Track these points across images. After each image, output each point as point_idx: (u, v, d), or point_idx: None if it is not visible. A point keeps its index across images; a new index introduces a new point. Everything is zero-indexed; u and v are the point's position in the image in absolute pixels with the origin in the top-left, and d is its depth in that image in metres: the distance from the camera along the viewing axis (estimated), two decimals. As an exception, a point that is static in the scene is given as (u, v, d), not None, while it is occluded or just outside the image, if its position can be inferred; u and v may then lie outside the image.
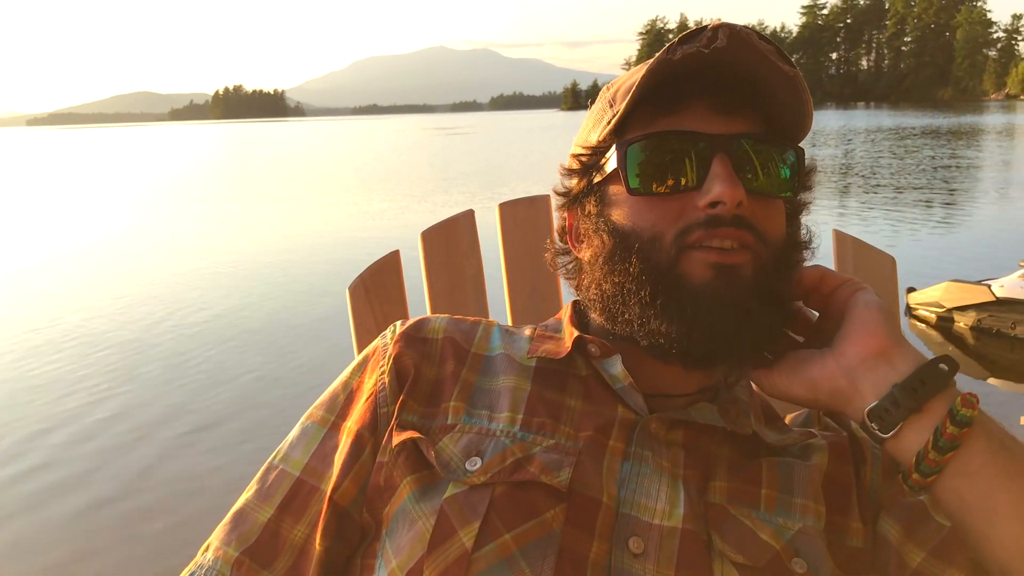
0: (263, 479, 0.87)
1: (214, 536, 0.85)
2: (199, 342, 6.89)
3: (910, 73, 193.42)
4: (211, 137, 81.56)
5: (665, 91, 0.79)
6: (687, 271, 0.75)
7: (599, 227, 0.83)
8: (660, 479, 0.78)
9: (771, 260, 0.78)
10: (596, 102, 0.89)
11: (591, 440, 0.80)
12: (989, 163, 22.60)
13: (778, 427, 0.91)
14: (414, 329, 0.91)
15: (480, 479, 0.76)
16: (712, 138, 0.77)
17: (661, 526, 0.75)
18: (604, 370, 0.85)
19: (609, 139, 0.83)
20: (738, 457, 0.83)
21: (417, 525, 0.75)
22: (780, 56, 0.76)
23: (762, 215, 0.78)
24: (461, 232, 1.42)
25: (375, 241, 11.41)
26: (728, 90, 0.79)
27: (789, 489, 0.82)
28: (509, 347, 0.91)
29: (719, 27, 0.74)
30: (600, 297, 0.83)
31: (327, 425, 0.88)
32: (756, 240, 0.77)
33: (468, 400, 0.85)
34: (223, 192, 20.88)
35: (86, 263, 11.10)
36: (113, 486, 4.35)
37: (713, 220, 0.75)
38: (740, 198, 0.75)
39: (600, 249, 0.82)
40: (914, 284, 7.24)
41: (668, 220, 0.77)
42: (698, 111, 0.79)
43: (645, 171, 0.79)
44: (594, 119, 0.88)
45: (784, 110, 0.80)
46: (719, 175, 0.75)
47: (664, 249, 0.77)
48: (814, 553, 0.77)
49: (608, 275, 0.81)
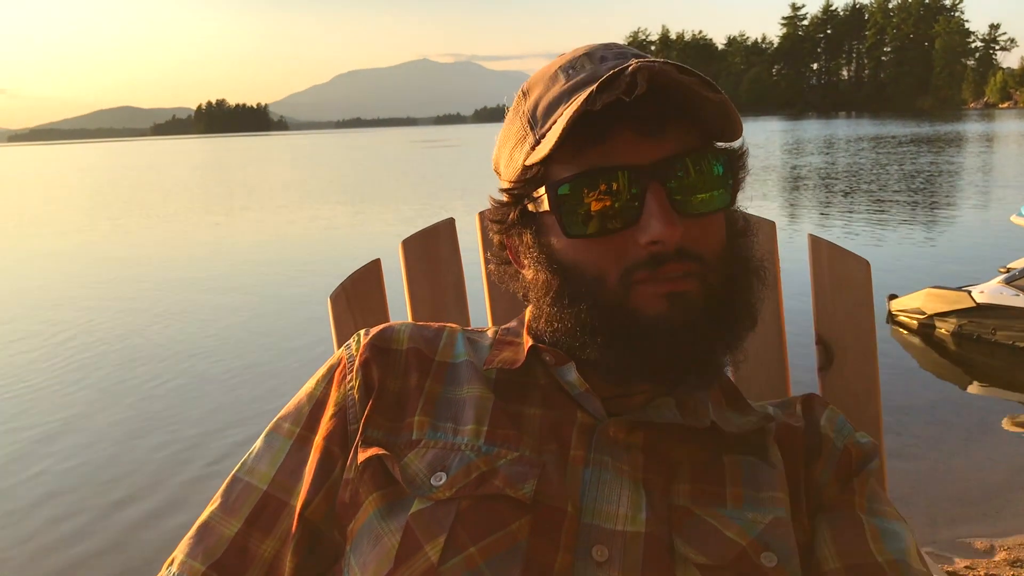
0: (228, 492, 0.86)
1: (178, 550, 0.83)
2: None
3: (890, 83, 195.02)
4: (191, 152, 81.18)
5: (589, 124, 0.75)
6: (638, 306, 0.76)
7: (539, 261, 0.83)
8: (621, 484, 0.78)
9: (718, 276, 0.79)
10: (511, 112, 0.87)
11: (554, 451, 0.80)
12: (970, 169, 22.81)
13: (739, 407, 0.90)
14: (379, 339, 0.90)
15: (446, 494, 0.76)
16: (642, 169, 0.76)
17: (624, 532, 0.75)
18: (560, 377, 0.85)
19: (536, 168, 0.81)
20: (700, 455, 0.83)
21: (383, 541, 0.75)
22: (704, 86, 0.74)
23: (701, 236, 0.78)
24: (442, 240, 1.43)
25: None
26: (653, 114, 0.76)
27: (755, 485, 0.82)
28: (473, 354, 0.91)
29: (637, 71, 0.71)
30: (552, 333, 0.83)
31: (293, 437, 0.87)
32: (699, 265, 0.77)
33: (433, 413, 0.85)
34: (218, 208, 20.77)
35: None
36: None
37: (655, 258, 0.75)
38: (679, 234, 0.74)
39: (545, 286, 0.82)
40: (896, 291, 7.30)
41: (610, 259, 0.77)
42: (626, 139, 0.76)
43: (579, 212, 0.77)
44: (515, 137, 0.85)
45: (713, 124, 0.79)
46: (654, 212, 0.74)
47: (610, 288, 0.77)
48: (785, 544, 0.77)
49: (558, 316, 0.81)
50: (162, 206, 21.21)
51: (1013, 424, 5.04)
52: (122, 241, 14.70)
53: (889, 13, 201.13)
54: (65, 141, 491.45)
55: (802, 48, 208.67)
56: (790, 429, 0.89)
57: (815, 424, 0.90)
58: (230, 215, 18.37)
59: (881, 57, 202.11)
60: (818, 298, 1.30)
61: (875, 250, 10.51)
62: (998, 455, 4.63)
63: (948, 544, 3.61)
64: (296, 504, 0.82)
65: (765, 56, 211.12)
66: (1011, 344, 6.31)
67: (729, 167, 0.81)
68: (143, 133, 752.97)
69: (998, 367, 6.21)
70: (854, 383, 1.27)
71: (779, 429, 0.89)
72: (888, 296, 7.23)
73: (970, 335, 6.55)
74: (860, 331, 1.28)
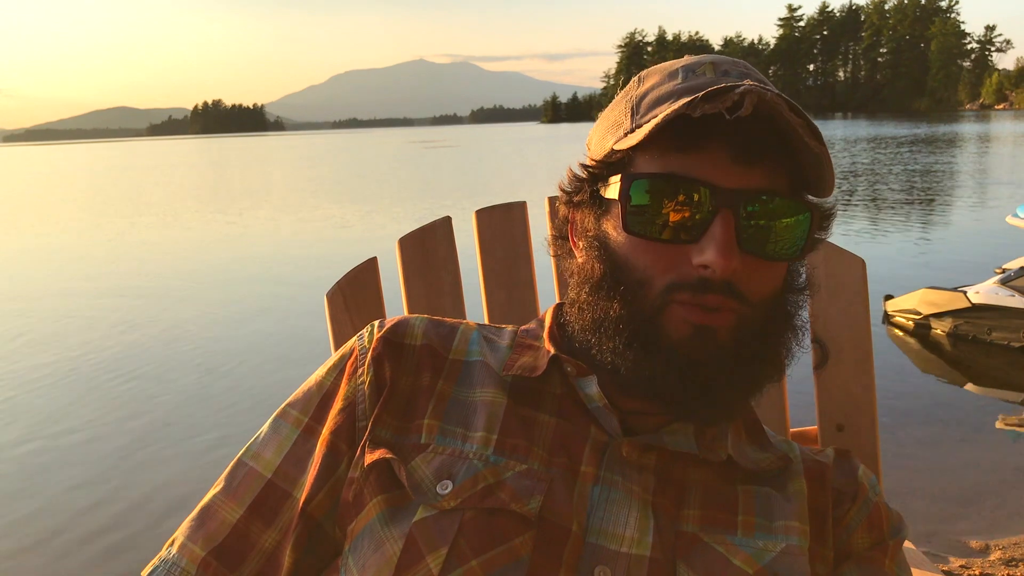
0: (232, 476, 0.85)
1: (179, 531, 0.83)
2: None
3: (886, 84, 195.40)
4: (191, 153, 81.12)
5: (687, 127, 0.73)
6: (666, 325, 0.74)
7: (592, 245, 0.82)
8: (630, 505, 0.77)
9: (756, 320, 0.76)
10: (621, 94, 0.86)
11: (563, 466, 0.79)
12: (966, 170, 22.85)
13: (759, 442, 0.89)
14: (392, 334, 0.88)
15: (451, 504, 0.75)
16: (721, 193, 0.73)
17: (629, 554, 0.74)
18: (580, 389, 0.83)
19: (621, 155, 0.80)
20: (713, 481, 0.82)
21: (384, 547, 0.74)
22: (809, 132, 0.72)
23: (755, 277, 0.76)
24: (438, 238, 1.43)
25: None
26: (754, 141, 0.74)
27: (768, 514, 0.81)
28: (488, 354, 0.89)
29: (747, 92, 0.69)
30: (580, 319, 0.82)
31: (300, 427, 0.86)
32: (741, 304, 0.75)
33: (443, 416, 0.83)
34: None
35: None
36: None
37: (702, 284, 0.73)
38: (733, 269, 0.72)
39: (589, 272, 0.81)
40: (892, 291, 7.31)
41: (659, 268, 0.75)
42: (717, 156, 0.74)
43: (645, 211, 0.76)
44: (612, 121, 0.84)
45: (806, 173, 0.77)
46: (717, 239, 0.72)
47: (650, 297, 0.75)
48: (796, 574, 0.77)
49: (590, 305, 0.80)
50: (185, 205, 21.18)
51: (1008, 424, 5.06)
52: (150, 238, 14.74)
53: (885, 15, 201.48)
54: (61, 141, 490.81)
55: (798, 49, 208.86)
56: (820, 465, 0.88)
57: (852, 471, 0.89)
58: (248, 213, 18.35)
59: (877, 58, 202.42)
60: (813, 296, 1.30)
61: (871, 251, 10.52)
62: (993, 455, 4.64)
63: (943, 543, 3.62)
64: (299, 496, 0.82)
65: (762, 57, 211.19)
66: (1006, 344, 6.33)
67: (811, 223, 0.78)
68: (139, 133, 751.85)
69: (993, 367, 6.23)
70: (849, 381, 1.27)
71: (806, 463, 0.88)
72: (884, 297, 7.25)
73: (966, 335, 6.57)
74: (855, 329, 1.28)
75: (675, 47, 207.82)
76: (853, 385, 1.27)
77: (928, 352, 6.55)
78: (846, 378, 1.27)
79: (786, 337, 0.81)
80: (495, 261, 1.45)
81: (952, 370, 6.28)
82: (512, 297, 1.44)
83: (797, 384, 1.27)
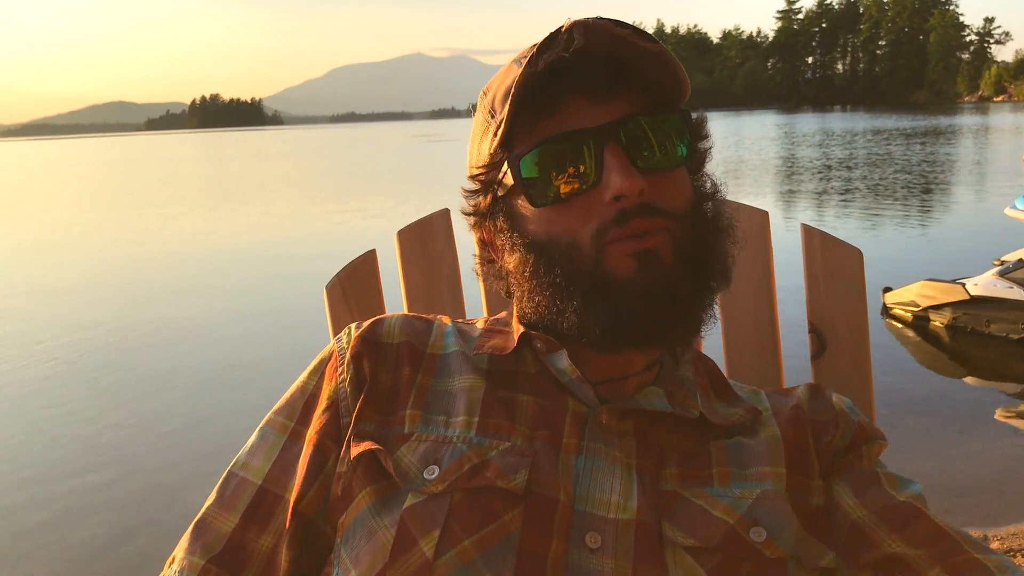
0: (223, 487, 0.86)
1: (178, 548, 0.84)
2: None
3: (885, 76, 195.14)
4: (193, 146, 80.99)
5: (540, 95, 0.79)
6: (611, 267, 0.77)
7: (515, 242, 0.84)
8: (614, 471, 0.79)
9: (685, 231, 0.80)
10: (477, 111, 0.89)
11: (546, 439, 0.81)
12: (964, 162, 22.85)
13: (726, 397, 0.92)
14: (370, 332, 0.91)
15: (439, 487, 0.77)
16: (596, 131, 0.78)
17: (616, 519, 0.76)
18: (551, 364, 0.86)
19: (499, 152, 0.84)
20: (689, 443, 0.84)
21: (377, 536, 0.75)
22: (640, 36, 0.77)
23: (665, 192, 0.79)
24: (437, 230, 1.43)
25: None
26: (599, 78, 0.79)
27: (741, 463, 0.84)
28: (463, 344, 0.91)
29: (573, 27, 0.76)
30: (535, 310, 0.84)
31: (287, 432, 0.87)
32: (667, 220, 0.78)
33: (424, 406, 0.85)
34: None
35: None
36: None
37: (622, 215, 0.77)
38: (640, 187, 0.76)
39: (523, 264, 0.83)
40: (890, 283, 7.31)
41: (579, 222, 0.79)
42: (577, 106, 0.79)
43: (542, 181, 0.80)
44: (480, 130, 0.88)
45: (659, 83, 0.81)
46: (614, 168, 0.76)
47: (584, 252, 0.78)
48: (775, 517, 0.79)
49: (537, 288, 0.82)
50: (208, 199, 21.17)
51: (1006, 416, 5.07)
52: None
53: (884, 7, 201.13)
54: (58, 136, 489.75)
55: (797, 42, 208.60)
56: (793, 408, 0.90)
57: (827, 402, 0.92)
58: (244, 207, 18.33)
59: (876, 51, 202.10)
60: (811, 287, 1.30)
61: (869, 243, 10.52)
62: (992, 446, 4.65)
63: (942, 534, 3.62)
64: (291, 498, 0.83)
65: (760, 50, 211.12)
66: (1005, 336, 6.33)
67: (684, 126, 0.83)
68: (137, 128, 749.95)
69: (992, 359, 6.23)
70: (847, 371, 1.28)
71: (777, 409, 0.91)
72: (883, 289, 7.25)
73: (964, 327, 6.57)
74: (853, 319, 1.29)
75: (673, 39, 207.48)
76: (851, 376, 1.27)
77: (926, 344, 6.56)
78: (844, 369, 1.28)
79: (720, 237, 0.84)
80: (493, 253, 1.45)
81: (950, 362, 6.29)
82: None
83: (795, 374, 1.28)
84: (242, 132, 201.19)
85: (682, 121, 0.83)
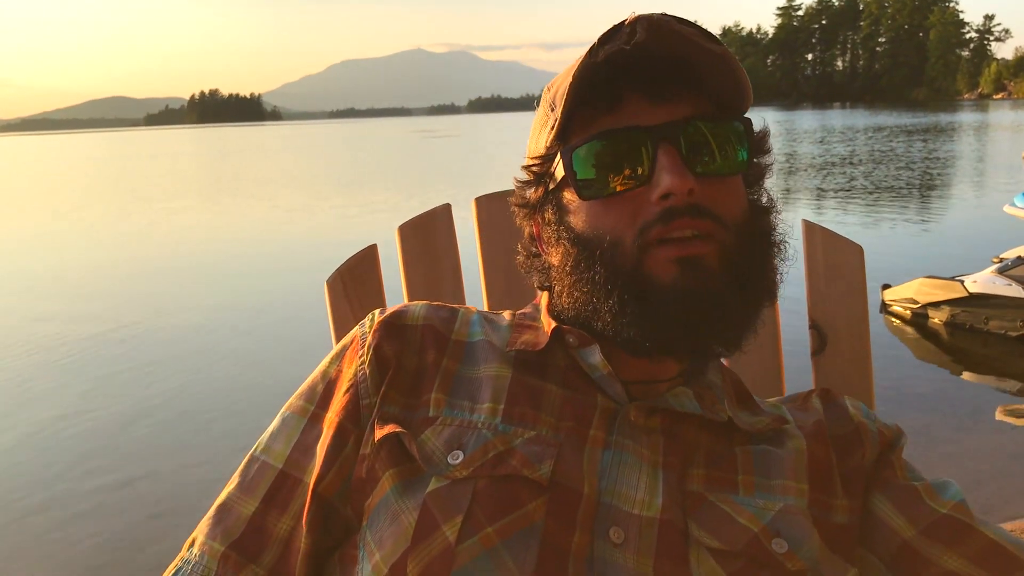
0: (245, 471, 0.86)
1: (198, 530, 0.84)
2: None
3: (885, 73, 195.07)
4: (193, 142, 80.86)
5: (601, 90, 0.79)
6: (652, 270, 0.76)
7: (560, 235, 0.84)
8: (640, 468, 0.79)
9: (735, 241, 0.78)
10: (539, 106, 0.89)
11: (572, 431, 0.80)
12: (963, 159, 22.84)
13: (750, 408, 0.91)
14: (394, 317, 0.90)
15: (462, 473, 0.76)
16: (652, 129, 0.77)
17: (640, 516, 0.76)
18: (583, 359, 0.85)
19: (555, 145, 0.83)
20: (715, 444, 0.84)
21: (400, 519, 0.75)
22: (704, 36, 0.76)
23: (718, 197, 0.78)
24: (438, 226, 1.43)
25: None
26: (662, 78, 0.78)
27: (766, 473, 0.83)
28: (491, 334, 0.91)
29: (636, 21, 0.74)
30: (572, 305, 0.83)
31: (307, 416, 0.87)
32: (716, 225, 0.76)
33: (449, 391, 0.85)
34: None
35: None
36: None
37: (668, 213, 0.75)
38: (689, 186, 0.75)
39: (565, 258, 0.83)
40: (889, 280, 7.32)
41: (625, 220, 0.77)
42: (636, 104, 0.78)
43: (593, 175, 0.79)
44: (539, 124, 0.88)
45: (722, 87, 0.79)
46: (665, 166, 0.75)
47: (626, 251, 0.77)
48: (797, 531, 0.79)
49: (576, 284, 0.81)
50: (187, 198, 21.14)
51: (1005, 413, 5.08)
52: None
53: (884, 4, 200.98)
54: (57, 131, 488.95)
55: (797, 39, 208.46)
56: (814, 421, 0.90)
57: (844, 413, 0.91)
58: (246, 201, 18.31)
59: (876, 48, 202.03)
60: (811, 283, 1.30)
61: (869, 240, 10.53)
62: (990, 443, 4.67)
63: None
64: (310, 481, 0.83)
65: (760, 47, 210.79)
66: (1003, 333, 6.35)
67: (744, 136, 0.81)
68: (136, 123, 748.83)
69: (990, 356, 6.25)
70: (847, 367, 1.28)
71: (800, 422, 0.90)
72: (882, 286, 7.26)
73: (963, 324, 6.59)
74: (853, 316, 1.29)
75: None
76: (851, 372, 1.27)
77: (925, 341, 6.57)
78: (844, 365, 1.28)
79: (771, 253, 0.83)
80: (494, 248, 1.45)
81: (949, 359, 6.30)
82: (511, 284, 1.44)
83: (795, 371, 1.28)
84: (241, 127, 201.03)
85: (743, 130, 0.81)
